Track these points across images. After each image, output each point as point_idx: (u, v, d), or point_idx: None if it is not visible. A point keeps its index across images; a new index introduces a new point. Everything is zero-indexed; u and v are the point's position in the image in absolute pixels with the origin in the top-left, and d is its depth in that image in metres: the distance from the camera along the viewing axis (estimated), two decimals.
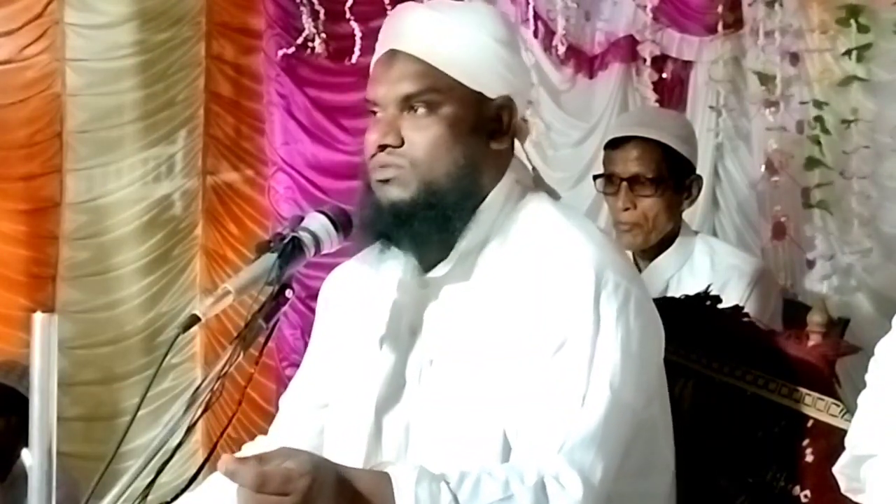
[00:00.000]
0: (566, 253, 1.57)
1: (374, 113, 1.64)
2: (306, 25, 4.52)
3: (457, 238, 1.61)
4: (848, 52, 3.55)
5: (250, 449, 1.86)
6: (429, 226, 1.59)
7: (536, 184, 1.73)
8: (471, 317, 1.60)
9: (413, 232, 1.60)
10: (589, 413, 1.48)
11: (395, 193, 1.60)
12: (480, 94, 1.62)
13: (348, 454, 1.64)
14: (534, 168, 1.75)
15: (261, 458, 1.36)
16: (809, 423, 1.77)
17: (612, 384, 1.50)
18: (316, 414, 1.78)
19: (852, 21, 3.53)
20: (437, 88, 1.59)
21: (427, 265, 1.64)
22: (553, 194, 1.73)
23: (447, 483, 1.41)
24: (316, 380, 1.81)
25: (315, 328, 1.85)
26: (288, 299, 1.54)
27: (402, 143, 1.60)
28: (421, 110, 1.60)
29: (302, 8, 4.51)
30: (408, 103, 1.60)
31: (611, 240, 1.71)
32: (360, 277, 1.73)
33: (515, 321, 1.55)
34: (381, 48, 1.67)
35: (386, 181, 1.61)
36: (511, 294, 1.57)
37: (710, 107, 3.92)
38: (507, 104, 1.64)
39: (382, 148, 1.61)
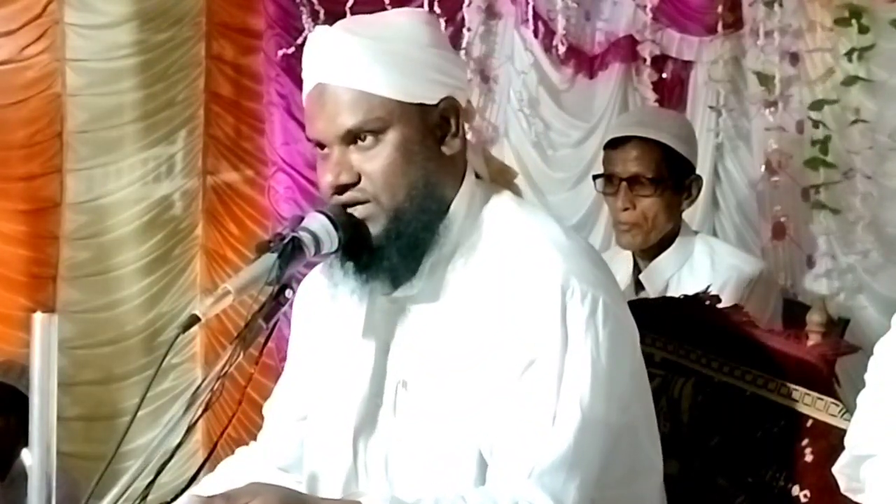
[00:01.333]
0: (531, 265, 1.54)
1: (322, 147, 1.60)
2: (306, 25, 4.51)
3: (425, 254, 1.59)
4: (849, 53, 3.55)
5: (243, 453, 1.87)
6: (402, 254, 1.57)
7: (490, 169, 1.69)
8: (441, 336, 1.58)
9: (390, 265, 1.58)
10: (559, 434, 1.47)
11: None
12: (421, 104, 1.58)
13: (328, 480, 1.65)
14: (483, 148, 1.73)
15: (227, 498, 1.37)
16: (809, 423, 1.77)
17: (582, 402, 1.48)
18: (298, 425, 1.78)
19: (853, 21, 3.53)
20: (379, 115, 1.55)
21: (397, 281, 1.61)
22: (506, 174, 1.70)
23: None
24: (295, 392, 1.81)
25: (291, 338, 1.84)
26: (288, 299, 1.54)
27: (359, 178, 1.57)
28: (368, 139, 1.56)
29: (302, 8, 4.51)
30: (351, 136, 1.56)
31: (576, 241, 1.63)
32: (332, 288, 1.67)
33: (484, 339, 1.53)
34: (307, 81, 1.61)
35: None
36: (479, 311, 1.55)
37: (710, 107, 3.92)
38: (450, 105, 1.60)
39: (340, 190, 1.57)
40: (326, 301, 1.70)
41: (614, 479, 1.54)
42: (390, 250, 1.57)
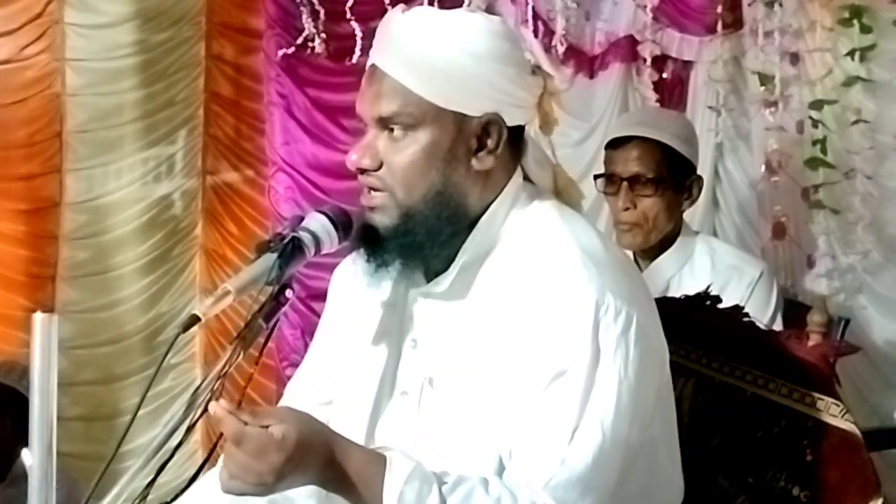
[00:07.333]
0: (567, 277, 1.53)
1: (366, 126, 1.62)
2: (306, 25, 4.51)
3: (441, 253, 1.59)
4: (851, 53, 3.55)
5: None
6: (401, 253, 1.57)
7: (557, 184, 1.70)
8: (469, 337, 1.58)
9: (387, 261, 1.58)
10: (578, 452, 1.46)
11: (378, 221, 1.59)
12: (461, 113, 1.56)
13: None
14: (557, 164, 1.73)
15: (254, 414, 1.38)
16: (809, 423, 1.77)
17: (604, 422, 1.47)
18: (320, 409, 1.75)
19: (855, 21, 3.53)
20: (411, 112, 1.55)
21: (430, 275, 1.62)
22: (568, 193, 1.71)
23: (440, 486, 1.42)
24: (319, 376, 1.80)
25: (322, 321, 1.84)
26: (288, 299, 1.54)
27: (381, 165, 1.58)
28: (398, 131, 1.56)
29: (302, 8, 4.51)
30: (384, 123, 1.57)
31: (614, 255, 1.62)
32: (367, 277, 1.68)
33: (514, 346, 1.52)
34: (370, 58, 1.63)
35: (371, 209, 1.59)
36: (510, 317, 1.54)
37: (710, 107, 3.92)
38: (492, 121, 1.58)
39: (362, 171, 1.59)
40: (362, 288, 1.69)
41: (629, 495, 1.52)
42: (392, 245, 1.57)
